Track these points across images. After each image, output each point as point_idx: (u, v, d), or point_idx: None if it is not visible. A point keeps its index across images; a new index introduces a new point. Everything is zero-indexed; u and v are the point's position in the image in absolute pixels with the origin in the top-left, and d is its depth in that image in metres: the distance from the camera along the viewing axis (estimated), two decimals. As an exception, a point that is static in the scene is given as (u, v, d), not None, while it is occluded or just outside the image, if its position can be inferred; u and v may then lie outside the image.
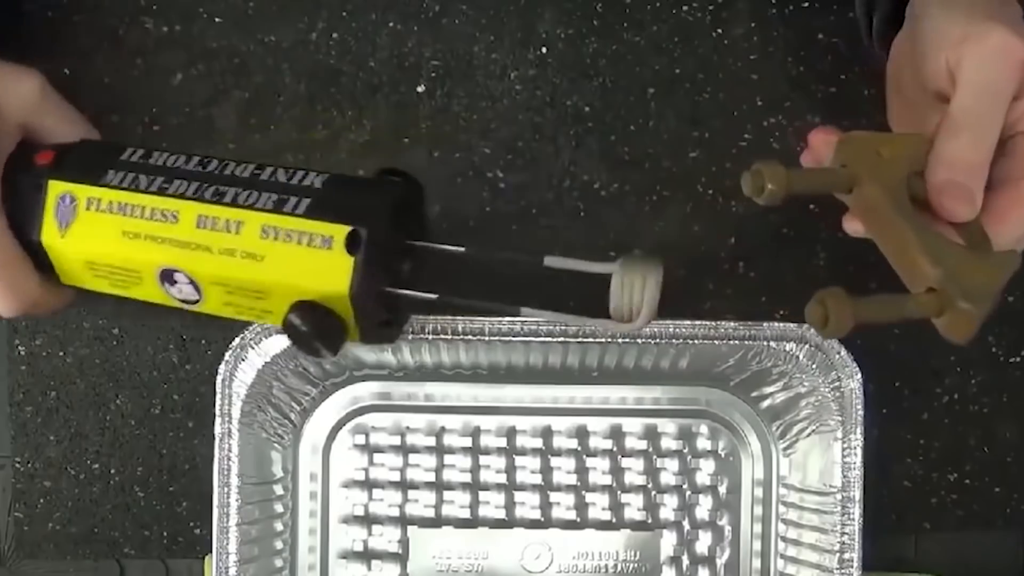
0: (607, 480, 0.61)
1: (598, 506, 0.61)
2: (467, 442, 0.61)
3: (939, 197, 0.43)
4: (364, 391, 0.61)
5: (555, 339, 0.55)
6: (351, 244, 0.45)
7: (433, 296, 0.48)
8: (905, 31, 0.49)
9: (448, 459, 0.61)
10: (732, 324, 0.55)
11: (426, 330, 0.55)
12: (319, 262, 0.45)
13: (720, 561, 0.61)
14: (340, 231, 0.45)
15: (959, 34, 0.43)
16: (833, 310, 0.38)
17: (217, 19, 0.61)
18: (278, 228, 0.46)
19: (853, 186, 0.43)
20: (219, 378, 0.55)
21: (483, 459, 0.61)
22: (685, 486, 0.61)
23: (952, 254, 0.42)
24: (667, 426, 0.61)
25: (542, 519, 0.61)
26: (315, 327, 0.45)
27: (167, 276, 0.48)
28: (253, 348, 0.55)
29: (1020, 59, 0.43)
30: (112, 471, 0.62)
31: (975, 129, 0.43)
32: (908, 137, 0.45)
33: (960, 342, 0.41)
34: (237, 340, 0.55)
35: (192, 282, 0.48)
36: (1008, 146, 0.44)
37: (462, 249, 0.48)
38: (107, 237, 0.48)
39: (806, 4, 0.62)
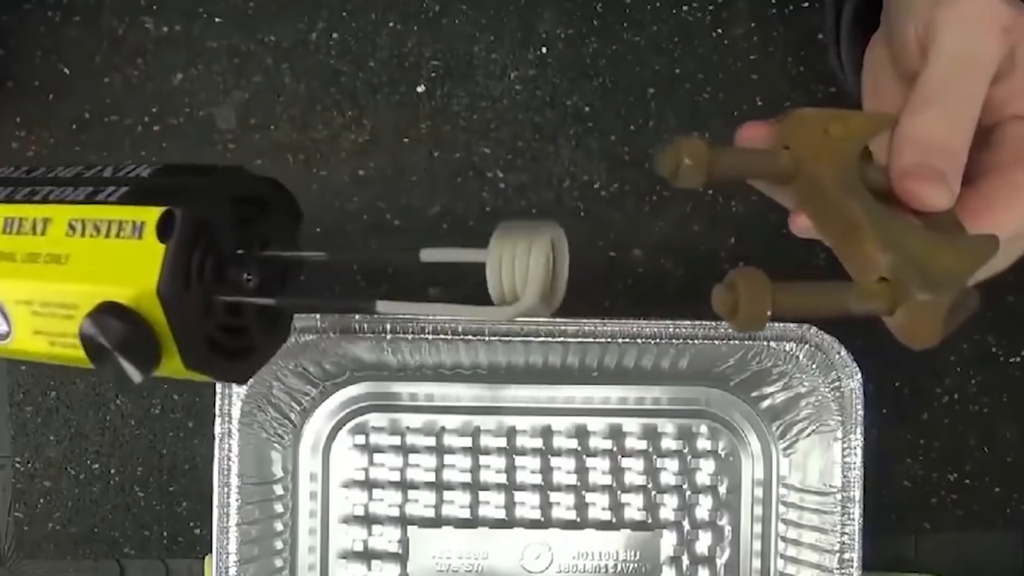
0: (607, 480, 0.61)
1: (598, 506, 0.61)
2: (467, 442, 0.61)
3: (905, 181, 0.35)
4: (364, 391, 0.61)
5: (555, 339, 0.55)
6: (163, 228, 0.36)
7: (271, 301, 0.39)
8: (882, 25, 0.42)
9: (448, 459, 0.61)
10: (732, 324, 0.55)
11: (426, 330, 0.55)
12: (127, 255, 0.36)
13: (720, 561, 0.61)
14: (152, 214, 0.36)
15: (930, 2, 0.37)
16: (746, 296, 0.31)
17: (217, 19, 0.61)
18: (86, 220, 0.37)
19: (796, 172, 0.36)
20: (219, 378, 0.55)
21: (483, 459, 0.61)
22: (685, 486, 0.61)
23: (912, 237, 0.34)
24: (667, 426, 0.61)
25: (542, 519, 0.61)
26: (117, 337, 0.35)
27: None
28: (253, 348, 0.55)
29: (1001, 24, 0.36)
30: (112, 471, 0.62)
31: (948, 103, 0.36)
32: (866, 115, 0.38)
33: (919, 346, 0.33)
34: (237, 340, 0.55)
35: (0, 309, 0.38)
36: (993, 136, 0.37)
37: (322, 255, 0.40)
38: None
39: (806, 4, 0.62)
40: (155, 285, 0.35)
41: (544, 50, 0.62)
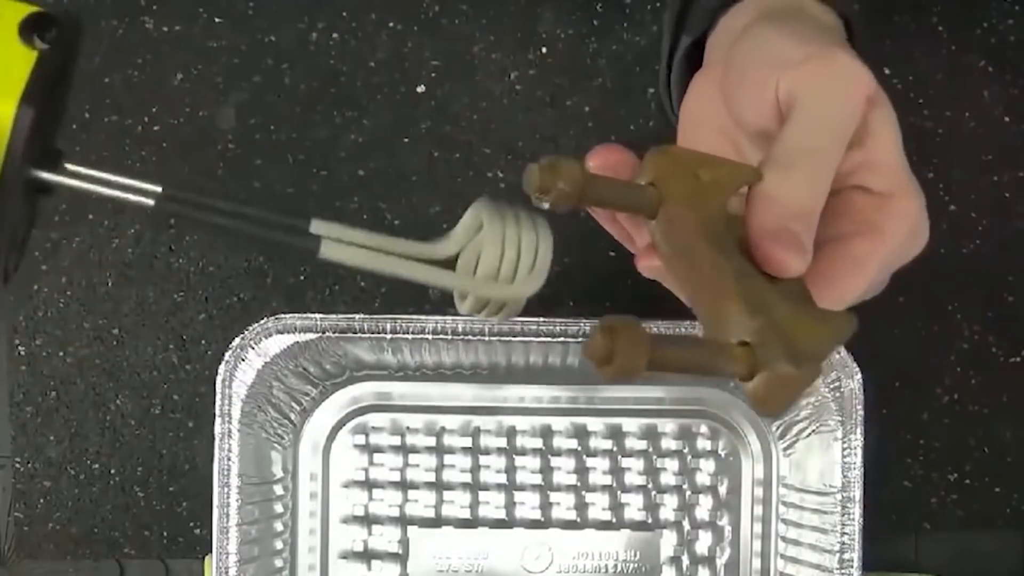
0: (607, 480, 0.61)
1: (598, 506, 0.61)
2: (467, 442, 0.61)
3: (765, 244, 0.34)
4: (364, 391, 0.61)
5: (555, 339, 0.55)
6: (31, 31, 0.30)
7: (157, 188, 0.33)
8: (713, 63, 0.42)
9: (448, 459, 0.61)
10: (732, 324, 0.55)
11: (426, 330, 0.55)
12: None
13: (720, 561, 0.61)
14: (13, 9, 0.30)
15: (799, 55, 0.36)
16: (623, 348, 0.29)
17: (217, 19, 0.61)
18: None
19: (659, 209, 0.35)
20: (219, 378, 0.55)
21: (483, 459, 0.61)
22: (685, 486, 0.61)
23: (780, 308, 0.33)
24: (667, 426, 0.61)
25: (542, 519, 0.61)
26: None
27: None
28: (253, 348, 0.55)
29: (865, 93, 0.36)
30: (112, 471, 0.62)
31: (811, 171, 0.35)
32: (735, 164, 0.37)
33: (769, 415, 0.33)
34: (237, 340, 0.55)
35: None
36: (839, 202, 0.37)
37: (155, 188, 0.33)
38: None
39: (806, 4, 0.62)
40: (20, 94, 0.29)
41: (544, 50, 0.62)
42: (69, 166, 0.32)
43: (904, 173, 0.37)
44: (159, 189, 0.32)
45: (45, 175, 0.31)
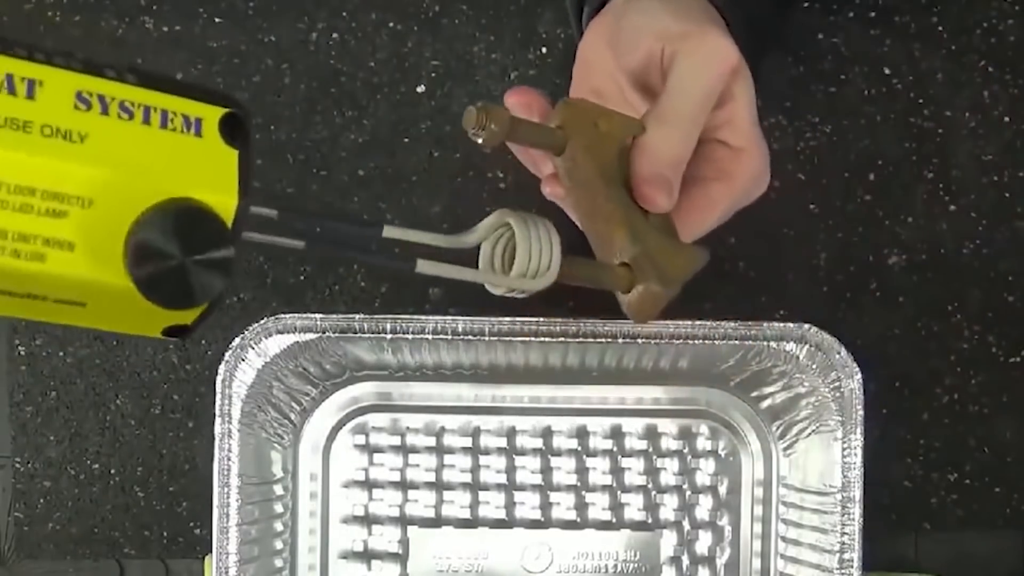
0: (607, 480, 0.61)
1: (598, 506, 0.61)
2: (467, 442, 0.61)
3: (644, 186, 0.43)
4: (364, 391, 0.61)
5: (555, 339, 0.55)
6: (229, 131, 0.31)
7: (300, 244, 0.35)
8: (609, 15, 0.48)
9: (448, 459, 0.61)
10: (732, 324, 0.55)
11: (426, 330, 0.55)
12: (185, 152, 0.30)
13: (720, 561, 0.61)
14: (209, 112, 0.31)
15: (677, 31, 0.44)
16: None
17: (217, 19, 0.61)
18: (106, 97, 0.30)
19: (564, 149, 0.43)
20: (219, 378, 0.55)
21: (483, 459, 0.61)
22: (685, 486, 0.61)
23: (651, 237, 0.43)
24: (667, 426, 0.61)
25: (542, 519, 0.61)
26: (194, 244, 0.30)
27: None
28: (253, 348, 0.55)
29: (731, 66, 0.44)
30: (112, 471, 0.62)
31: (683, 128, 0.43)
32: (626, 118, 0.45)
33: (641, 321, 0.43)
34: (237, 340, 0.55)
35: None
36: (703, 150, 0.45)
37: (273, 213, 0.34)
38: None
39: (806, 4, 0.62)
40: (236, 196, 0.31)
41: (544, 50, 0.62)
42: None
43: (755, 131, 0.46)
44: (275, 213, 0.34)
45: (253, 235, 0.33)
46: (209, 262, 0.30)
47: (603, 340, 0.55)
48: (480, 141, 0.40)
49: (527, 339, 0.55)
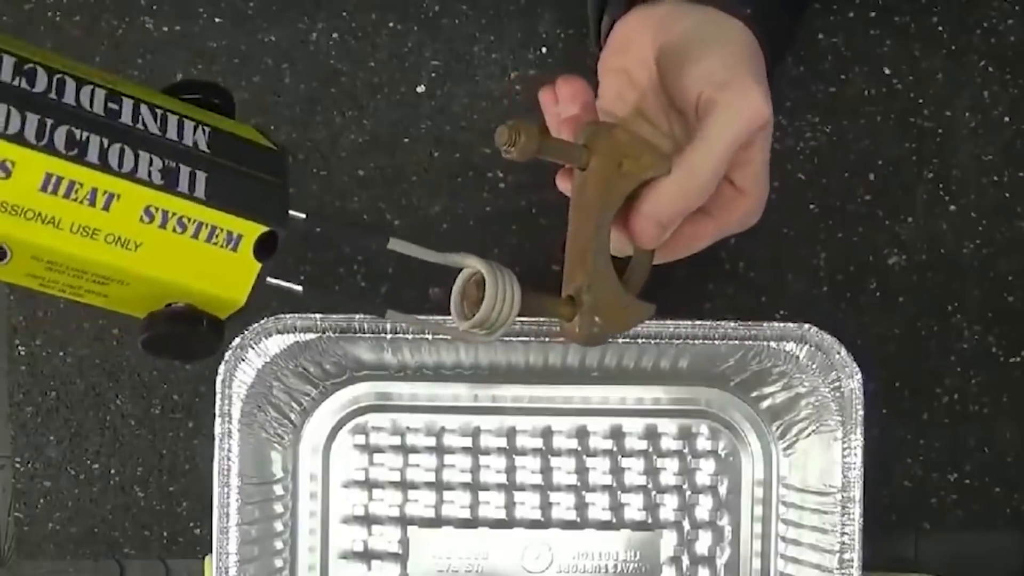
0: (607, 480, 0.61)
1: (598, 506, 0.61)
2: (467, 442, 0.61)
3: (643, 221, 0.46)
4: (364, 391, 0.61)
5: (555, 339, 0.55)
6: (263, 248, 0.37)
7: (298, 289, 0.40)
8: (662, 10, 0.49)
9: (448, 459, 0.61)
10: (732, 324, 0.55)
11: (426, 330, 0.55)
12: (218, 263, 0.36)
13: (720, 561, 0.61)
14: (251, 229, 0.36)
15: (721, 79, 0.45)
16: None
17: (217, 19, 0.61)
18: (168, 212, 0.35)
19: (588, 165, 0.45)
20: (219, 378, 0.55)
21: (483, 459, 0.61)
22: (685, 486, 0.61)
23: (606, 291, 0.45)
24: (667, 426, 0.61)
25: (542, 519, 0.61)
26: (195, 334, 0.38)
27: None
28: (253, 348, 0.55)
29: (762, 124, 0.45)
30: (112, 471, 0.62)
31: (703, 187, 0.45)
32: (655, 159, 0.46)
33: (576, 343, 0.46)
34: (237, 340, 0.55)
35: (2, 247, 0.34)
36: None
37: (302, 216, 0.39)
38: None
39: (806, 4, 0.62)
40: (244, 300, 0.38)
41: (544, 50, 0.62)
42: None
43: (762, 177, 0.48)
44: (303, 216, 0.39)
45: None
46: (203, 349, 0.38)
47: (603, 340, 0.55)
48: (511, 157, 0.42)
49: (527, 339, 0.55)
